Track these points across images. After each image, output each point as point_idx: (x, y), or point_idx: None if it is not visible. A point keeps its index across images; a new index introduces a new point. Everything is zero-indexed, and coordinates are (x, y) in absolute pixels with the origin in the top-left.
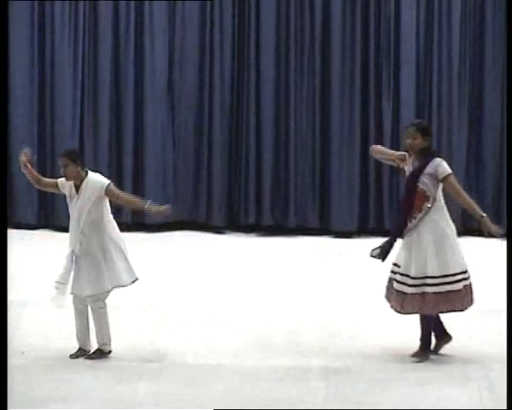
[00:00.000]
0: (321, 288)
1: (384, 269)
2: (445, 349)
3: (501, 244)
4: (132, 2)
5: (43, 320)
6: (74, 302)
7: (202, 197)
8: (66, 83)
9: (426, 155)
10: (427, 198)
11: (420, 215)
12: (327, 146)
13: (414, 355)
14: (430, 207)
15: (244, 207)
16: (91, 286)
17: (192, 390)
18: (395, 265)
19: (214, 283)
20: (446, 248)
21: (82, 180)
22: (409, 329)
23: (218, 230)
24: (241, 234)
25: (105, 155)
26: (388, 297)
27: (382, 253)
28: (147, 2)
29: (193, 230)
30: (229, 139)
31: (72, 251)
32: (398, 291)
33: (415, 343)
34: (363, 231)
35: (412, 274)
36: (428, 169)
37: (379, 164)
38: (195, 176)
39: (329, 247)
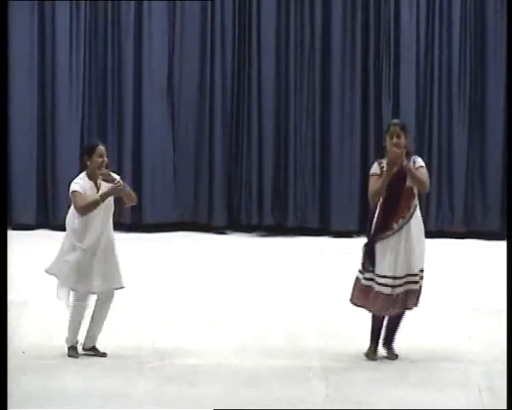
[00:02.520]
0: (321, 288)
1: None
2: (445, 350)
3: (501, 245)
4: (132, 2)
5: (43, 320)
6: (82, 300)
7: (203, 198)
8: (67, 83)
9: (406, 153)
10: (413, 195)
11: (409, 213)
12: (327, 146)
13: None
14: (416, 205)
15: (245, 207)
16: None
17: (192, 390)
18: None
19: (214, 283)
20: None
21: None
22: (409, 329)
23: (218, 230)
24: (242, 234)
25: None
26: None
27: (370, 262)
28: (146, 3)
29: (194, 230)
30: (230, 139)
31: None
32: (387, 294)
33: (415, 343)
34: (363, 231)
35: (400, 274)
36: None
37: None
38: (196, 176)
39: (329, 247)
